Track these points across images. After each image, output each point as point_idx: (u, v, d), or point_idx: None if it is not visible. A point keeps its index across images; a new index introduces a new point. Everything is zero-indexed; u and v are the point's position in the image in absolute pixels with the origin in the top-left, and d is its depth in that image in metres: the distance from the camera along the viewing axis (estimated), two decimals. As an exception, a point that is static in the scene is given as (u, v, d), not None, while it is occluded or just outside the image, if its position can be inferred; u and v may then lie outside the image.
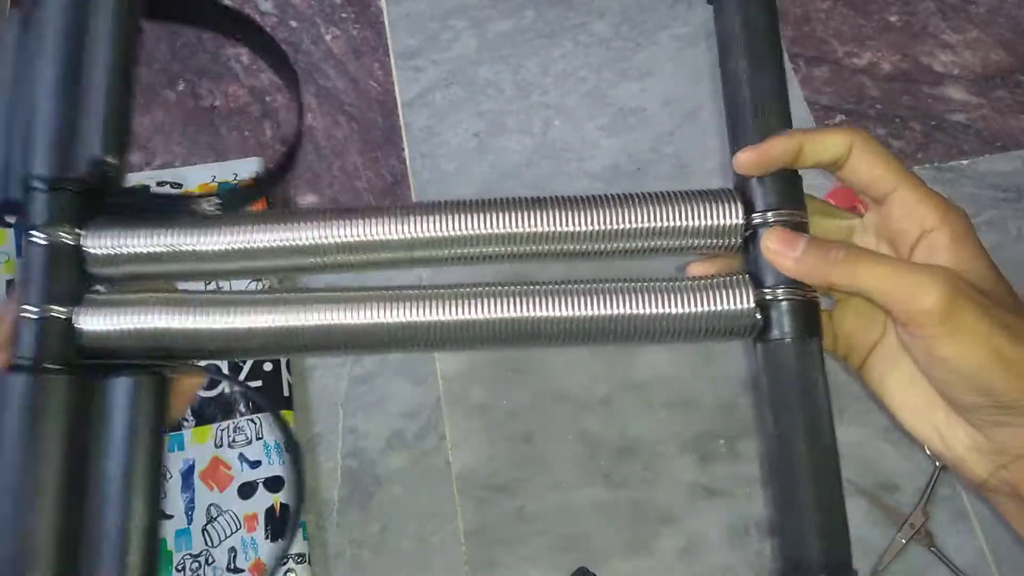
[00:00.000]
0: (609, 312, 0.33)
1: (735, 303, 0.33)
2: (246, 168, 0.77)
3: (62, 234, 0.33)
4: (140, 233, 0.34)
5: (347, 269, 0.35)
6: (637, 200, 0.34)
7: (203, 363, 0.38)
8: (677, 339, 0.33)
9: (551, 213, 0.34)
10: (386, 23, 0.87)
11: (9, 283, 0.70)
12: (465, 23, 0.86)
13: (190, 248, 0.34)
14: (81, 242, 0.34)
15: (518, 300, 0.33)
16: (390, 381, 0.72)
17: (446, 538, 0.66)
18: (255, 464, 0.66)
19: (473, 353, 0.72)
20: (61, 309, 0.33)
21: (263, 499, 0.65)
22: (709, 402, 0.69)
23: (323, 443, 0.70)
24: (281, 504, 0.65)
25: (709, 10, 0.36)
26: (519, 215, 0.34)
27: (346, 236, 0.34)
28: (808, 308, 0.33)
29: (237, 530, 0.65)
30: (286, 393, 0.69)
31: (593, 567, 0.65)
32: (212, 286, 0.55)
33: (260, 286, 0.65)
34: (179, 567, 0.64)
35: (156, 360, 0.34)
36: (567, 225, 0.33)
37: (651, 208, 0.34)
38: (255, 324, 0.33)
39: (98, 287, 0.35)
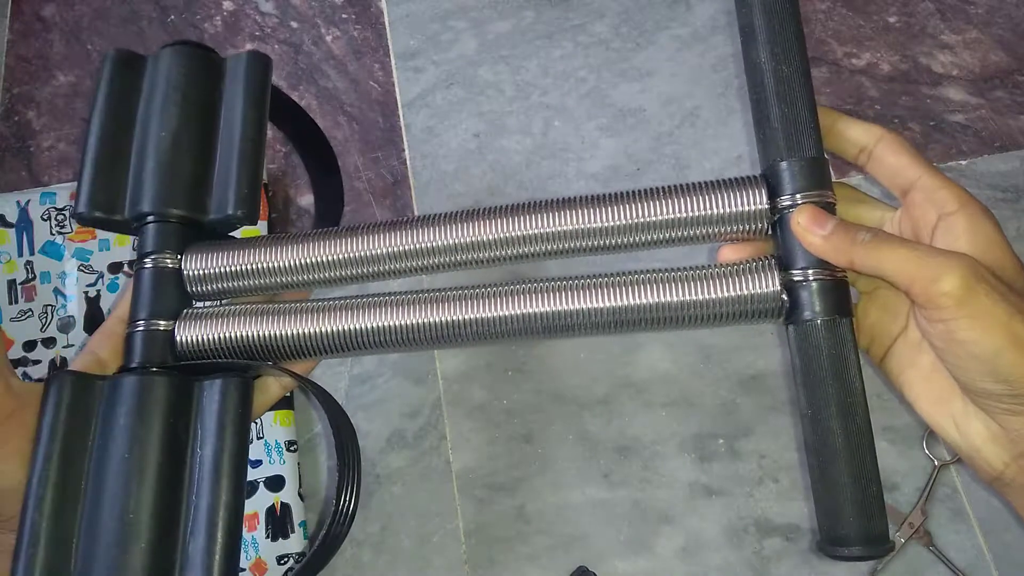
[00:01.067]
0: (640, 302, 0.35)
1: (760, 286, 0.34)
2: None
3: (167, 260, 0.40)
4: (228, 255, 0.40)
5: (416, 273, 0.39)
6: (664, 193, 0.36)
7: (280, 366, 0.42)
8: (707, 324, 0.35)
9: (589, 211, 0.36)
10: (386, 24, 0.87)
11: (10, 283, 0.71)
12: (465, 24, 0.86)
13: (268, 264, 0.39)
14: (181, 266, 0.40)
15: (556, 295, 0.36)
16: (390, 381, 0.72)
17: (446, 537, 0.67)
18: (256, 463, 0.66)
19: (473, 353, 0.72)
20: (164, 323, 0.39)
21: (264, 498, 0.65)
22: (709, 402, 0.69)
23: (324, 443, 0.70)
24: (281, 503, 0.66)
25: (709, 10, 0.37)
26: (551, 215, 0.37)
27: (410, 244, 0.38)
28: (838, 288, 0.34)
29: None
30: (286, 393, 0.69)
31: (593, 566, 0.65)
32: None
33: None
34: (180, 566, 0.64)
35: (243, 361, 0.39)
36: (610, 220, 0.36)
37: (679, 199, 0.35)
38: (325, 328, 0.38)
39: (198, 303, 0.41)
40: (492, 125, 0.81)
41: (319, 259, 0.39)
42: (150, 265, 0.39)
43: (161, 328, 0.39)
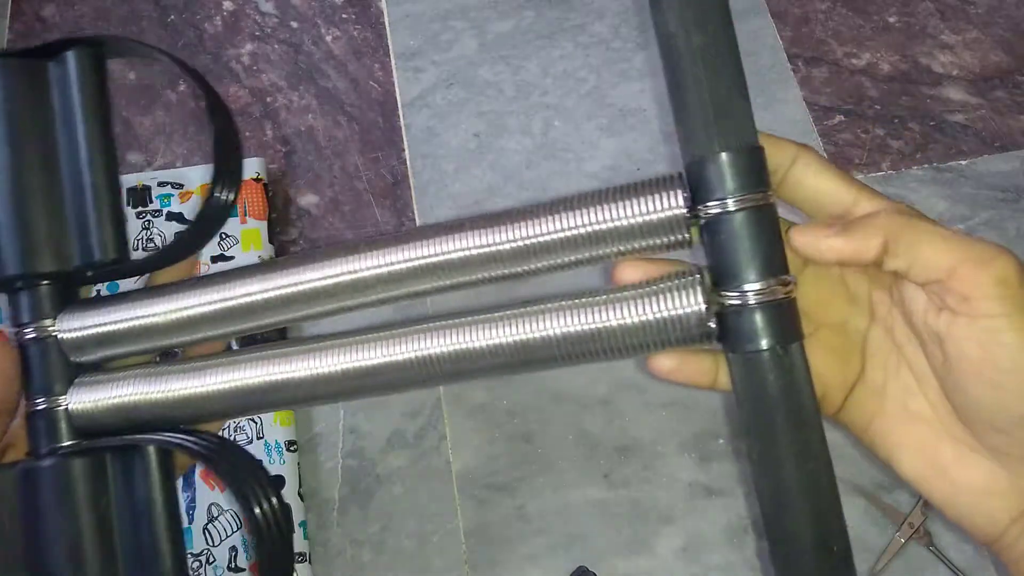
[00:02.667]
0: (537, 335, 0.29)
1: (679, 307, 0.28)
2: (246, 168, 0.77)
3: (46, 326, 0.35)
4: (105, 312, 0.35)
5: (339, 312, 0.33)
6: (551, 208, 0.29)
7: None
8: (615, 355, 0.29)
9: (449, 239, 0.30)
10: (386, 24, 0.87)
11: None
12: (465, 24, 0.86)
13: (152, 319, 0.34)
14: (56, 331, 0.35)
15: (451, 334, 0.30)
16: (390, 381, 0.72)
17: (446, 537, 0.67)
18: (256, 463, 0.66)
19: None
20: (65, 396, 0.35)
21: (264, 498, 0.65)
22: (708, 401, 0.69)
23: (324, 443, 0.70)
24: (282, 504, 0.66)
25: None
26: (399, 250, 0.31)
27: (329, 278, 0.32)
28: (786, 307, 0.28)
29: (238, 529, 0.65)
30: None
31: (593, 566, 0.65)
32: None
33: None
34: (180, 566, 0.64)
35: (147, 432, 0.35)
36: (478, 247, 0.30)
37: (573, 212, 0.29)
38: (244, 382, 0.33)
39: (88, 371, 0.36)
40: (492, 125, 0.81)
41: (209, 310, 0.33)
42: (32, 335, 0.35)
43: (54, 405, 0.35)
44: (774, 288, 0.27)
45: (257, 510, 0.33)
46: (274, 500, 0.33)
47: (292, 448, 0.68)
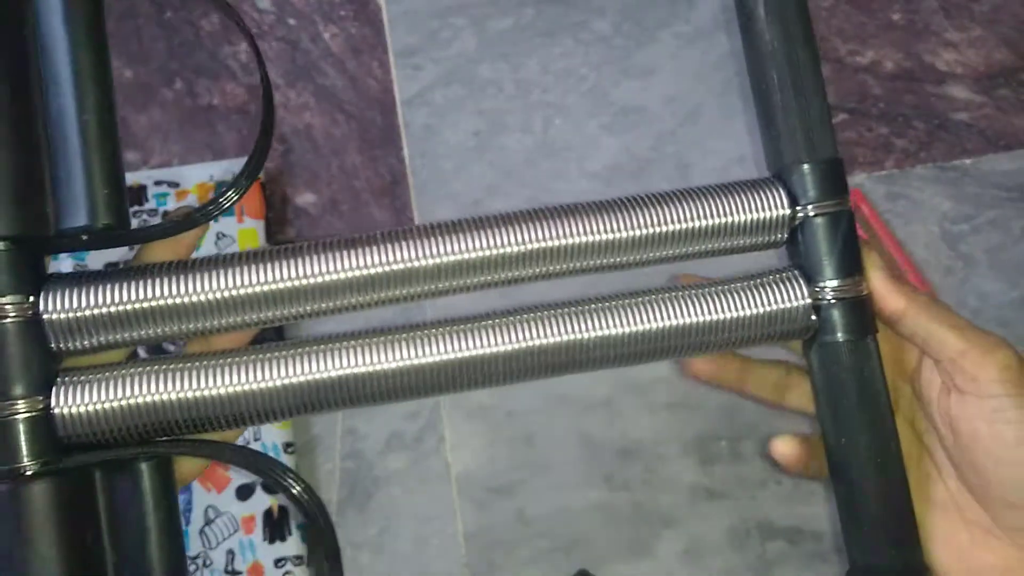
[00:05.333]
0: (654, 325, 0.30)
1: (788, 300, 0.30)
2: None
3: (8, 305, 0.27)
4: (106, 289, 0.28)
5: (353, 310, 0.30)
6: (669, 199, 0.31)
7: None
8: (728, 347, 0.31)
9: (577, 221, 0.31)
10: (385, 21, 0.87)
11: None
12: (465, 21, 0.86)
13: (175, 300, 0.28)
14: (39, 312, 0.28)
15: (560, 323, 0.30)
16: (389, 382, 0.71)
17: (445, 540, 0.66)
18: (253, 466, 0.65)
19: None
20: (28, 400, 0.27)
21: (261, 501, 0.65)
22: (711, 403, 0.69)
23: (321, 445, 0.69)
24: (279, 506, 0.65)
25: (711, 7, 0.35)
26: (535, 228, 0.30)
27: (347, 270, 0.29)
28: (863, 304, 0.31)
29: (235, 532, 0.64)
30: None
31: (594, 569, 0.64)
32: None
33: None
34: (176, 570, 0.63)
35: (146, 442, 0.29)
36: (592, 234, 0.30)
37: (691, 204, 0.30)
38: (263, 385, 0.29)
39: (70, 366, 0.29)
40: (492, 123, 0.81)
41: (253, 290, 0.28)
42: None
43: (30, 409, 0.27)
44: (851, 286, 0.30)
45: (296, 491, 0.30)
46: (302, 484, 0.31)
47: (290, 450, 0.67)
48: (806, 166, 0.30)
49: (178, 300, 0.28)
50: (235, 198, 0.32)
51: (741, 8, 0.32)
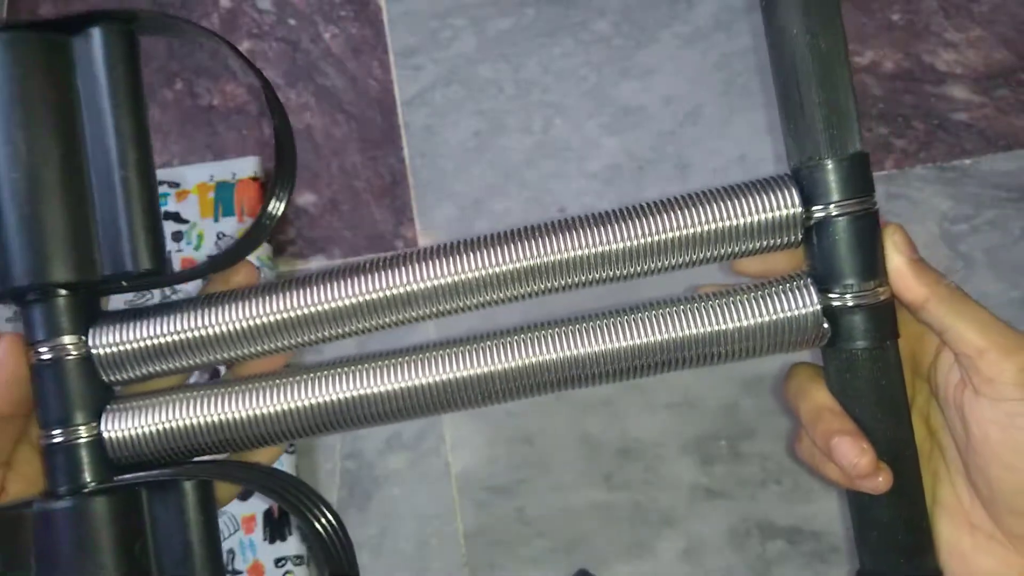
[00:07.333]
0: (659, 338, 0.29)
1: (797, 308, 0.28)
2: (244, 167, 0.77)
3: (64, 344, 0.31)
4: (149, 324, 0.31)
5: (374, 330, 0.31)
6: (673, 204, 0.29)
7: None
8: (736, 358, 0.30)
9: (577, 234, 0.29)
10: (385, 21, 0.87)
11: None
12: (465, 21, 0.86)
13: (206, 331, 0.31)
14: (89, 349, 0.31)
15: (559, 339, 0.29)
16: (389, 382, 0.71)
17: (445, 540, 0.66)
18: (253, 466, 0.65)
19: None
20: (86, 426, 0.31)
21: (261, 501, 0.65)
22: (711, 403, 0.69)
23: (322, 445, 0.69)
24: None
25: (711, 8, 0.34)
26: (537, 242, 0.29)
27: (365, 294, 0.30)
28: (886, 309, 0.29)
29: (235, 532, 0.65)
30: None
31: (594, 569, 0.64)
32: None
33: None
34: (177, 569, 0.63)
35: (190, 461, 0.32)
36: (594, 246, 0.29)
37: (696, 209, 0.29)
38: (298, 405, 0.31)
39: (118, 395, 0.32)
40: (492, 123, 0.81)
41: (291, 315, 0.30)
42: (48, 356, 0.31)
43: (84, 435, 0.31)
44: (875, 290, 0.28)
45: (318, 525, 0.32)
46: (329, 515, 0.32)
47: (290, 450, 0.67)
48: (828, 162, 0.28)
49: (200, 332, 0.31)
50: (255, 245, 0.34)
51: (775, 45, 0.30)
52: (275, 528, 0.65)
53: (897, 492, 0.29)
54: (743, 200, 0.29)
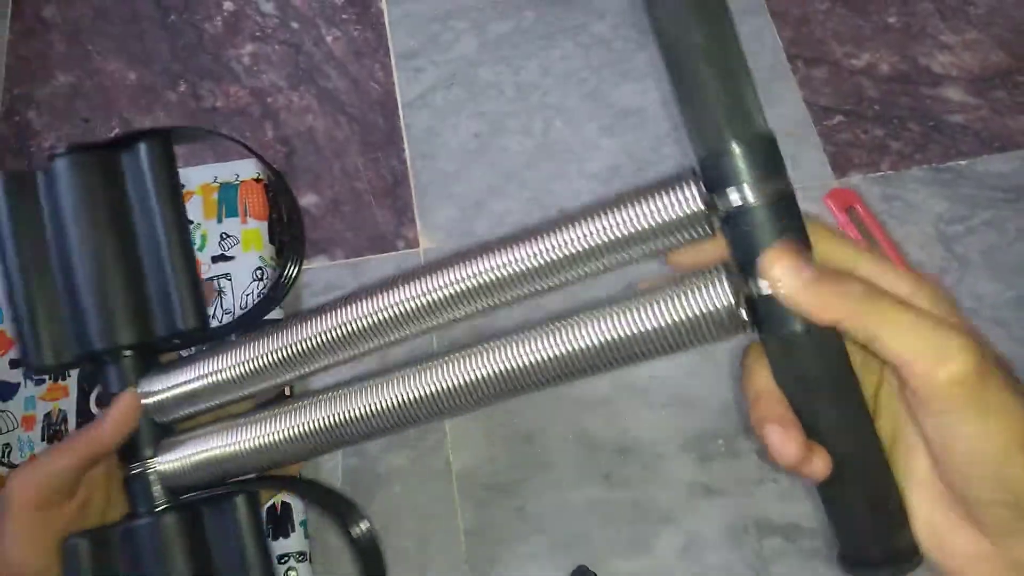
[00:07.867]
0: (572, 348, 0.30)
1: (709, 304, 0.28)
2: (247, 169, 0.77)
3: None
4: (178, 372, 0.37)
5: (389, 347, 0.35)
6: (569, 222, 0.30)
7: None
8: (655, 355, 0.30)
9: (489, 260, 0.31)
10: (387, 24, 0.88)
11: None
12: (466, 24, 0.86)
13: (224, 373, 0.36)
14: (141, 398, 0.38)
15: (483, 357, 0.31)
16: (391, 381, 0.72)
17: (446, 537, 0.67)
18: (256, 463, 0.66)
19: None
20: (148, 460, 0.38)
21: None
22: (709, 402, 0.69)
23: (324, 442, 0.70)
24: (282, 502, 0.66)
25: None
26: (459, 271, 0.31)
27: (368, 317, 0.33)
28: None
29: (238, 529, 0.65)
30: (287, 393, 0.69)
31: (593, 566, 0.65)
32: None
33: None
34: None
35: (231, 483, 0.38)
36: (508, 264, 0.30)
37: (590, 223, 0.29)
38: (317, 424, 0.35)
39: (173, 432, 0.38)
40: (492, 125, 0.81)
41: (282, 355, 0.36)
42: None
43: (145, 467, 0.38)
44: None
45: (355, 532, 0.36)
46: (364, 523, 0.37)
47: (292, 448, 0.68)
48: (732, 147, 0.27)
49: (223, 376, 0.36)
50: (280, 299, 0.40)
51: (664, 40, 0.29)
52: (277, 525, 0.65)
53: (854, 474, 0.28)
54: (642, 204, 0.29)
